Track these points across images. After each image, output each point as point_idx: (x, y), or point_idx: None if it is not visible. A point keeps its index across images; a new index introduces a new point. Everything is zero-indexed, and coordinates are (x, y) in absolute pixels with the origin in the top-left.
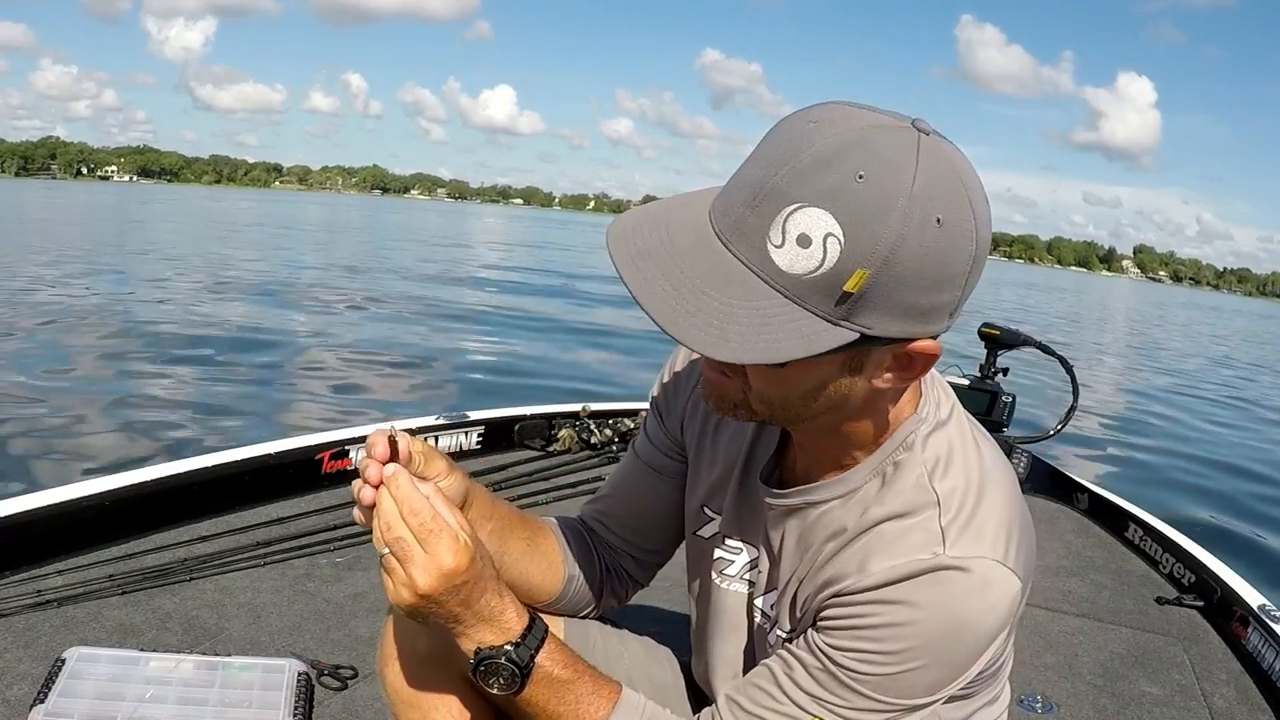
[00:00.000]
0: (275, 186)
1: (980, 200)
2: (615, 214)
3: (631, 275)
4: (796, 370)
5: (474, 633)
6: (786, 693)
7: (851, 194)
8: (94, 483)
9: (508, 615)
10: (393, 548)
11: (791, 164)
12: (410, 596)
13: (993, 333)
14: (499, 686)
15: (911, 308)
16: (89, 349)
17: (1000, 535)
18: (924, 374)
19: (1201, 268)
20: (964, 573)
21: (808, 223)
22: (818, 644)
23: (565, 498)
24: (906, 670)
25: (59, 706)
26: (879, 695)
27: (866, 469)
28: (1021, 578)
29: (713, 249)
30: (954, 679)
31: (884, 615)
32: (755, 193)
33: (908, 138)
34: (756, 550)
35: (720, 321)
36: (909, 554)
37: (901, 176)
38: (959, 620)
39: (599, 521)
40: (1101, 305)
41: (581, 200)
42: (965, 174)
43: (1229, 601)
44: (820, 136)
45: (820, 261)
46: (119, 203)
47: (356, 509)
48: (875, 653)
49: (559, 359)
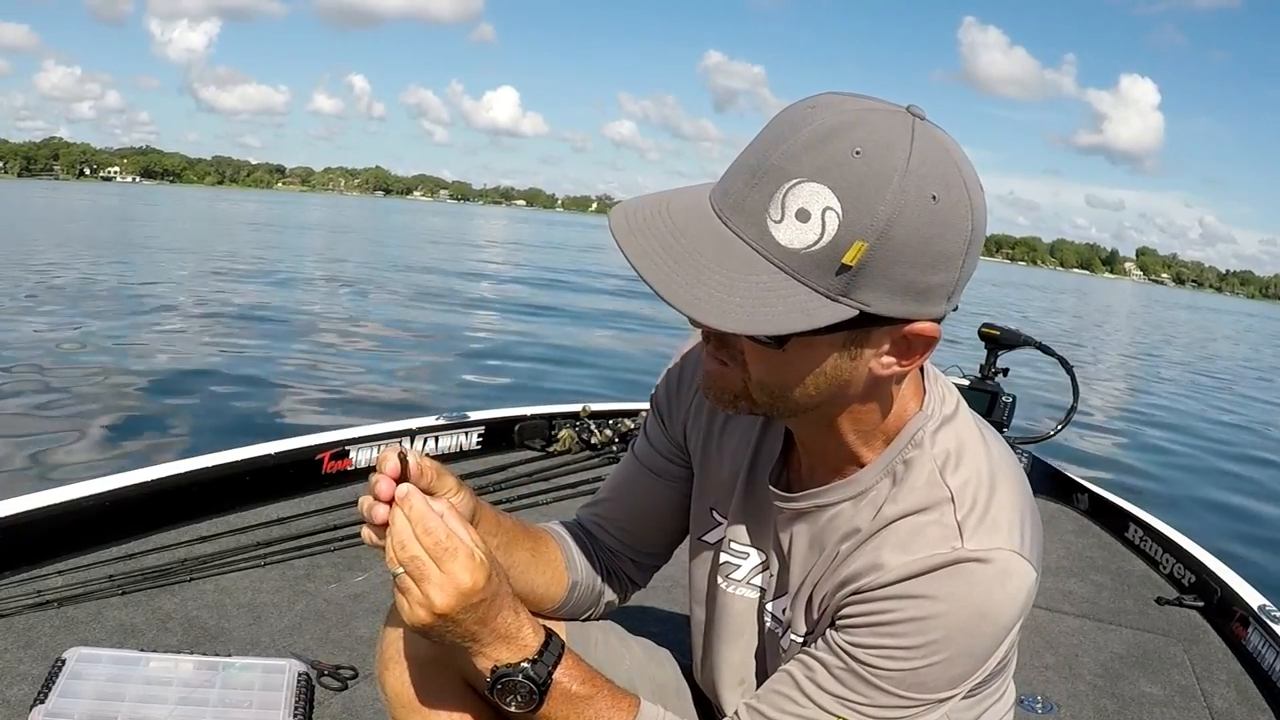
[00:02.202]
0: (278, 188)
1: (975, 186)
2: None
3: (632, 248)
4: (796, 353)
5: (490, 651)
6: (809, 695)
7: (849, 168)
8: (94, 483)
9: (524, 632)
10: (407, 567)
11: (790, 142)
12: (427, 616)
13: (993, 333)
14: (517, 704)
15: (909, 285)
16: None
17: (1015, 527)
18: (924, 358)
19: (1204, 270)
20: (984, 564)
21: (806, 197)
22: (839, 643)
23: (565, 498)
24: (930, 664)
25: (59, 707)
26: (903, 691)
27: (877, 469)
28: (1036, 567)
29: (713, 226)
30: (975, 671)
31: (906, 610)
32: (754, 171)
33: (903, 120)
34: (765, 554)
35: (721, 293)
36: (928, 549)
37: (897, 153)
38: (980, 611)
39: (597, 524)
40: (1103, 306)
41: (584, 202)
42: (959, 158)
43: (1229, 602)
44: (818, 117)
45: (819, 235)
46: (120, 204)
47: (366, 529)
48: (898, 648)
49: (559, 359)
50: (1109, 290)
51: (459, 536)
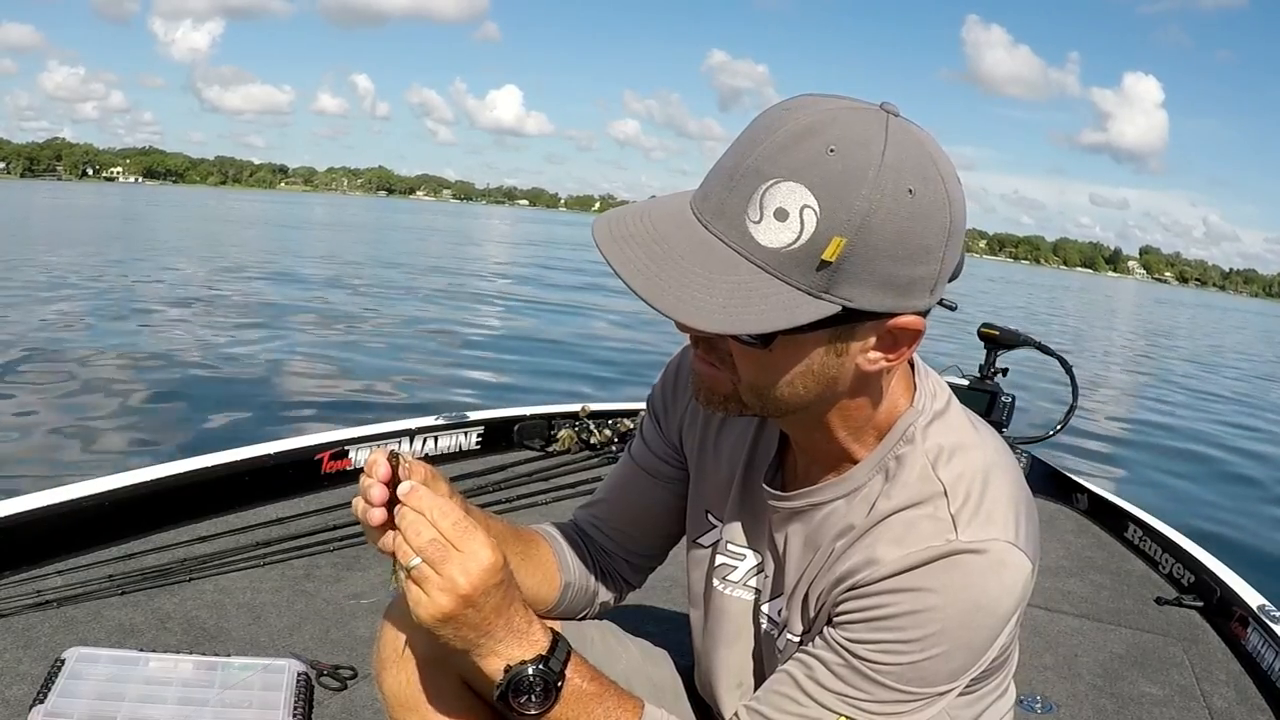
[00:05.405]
0: (281, 188)
1: (953, 179)
2: None
3: (616, 255)
4: (783, 352)
5: (504, 649)
6: (810, 694)
7: (824, 166)
8: (94, 483)
9: (534, 629)
10: (426, 552)
11: (765, 144)
12: (450, 601)
13: (992, 333)
14: (531, 704)
15: (890, 279)
16: (87, 348)
17: (1009, 518)
18: (910, 352)
19: (1208, 269)
20: (979, 555)
21: (784, 197)
22: (837, 640)
23: (565, 498)
24: (929, 657)
25: (59, 707)
26: (903, 685)
27: (869, 466)
28: (1032, 559)
29: (694, 231)
30: (974, 663)
31: (902, 603)
32: (732, 174)
33: (876, 116)
34: (761, 555)
35: (704, 295)
36: (922, 542)
37: (871, 149)
38: (977, 603)
39: (593, 525)
40: (1105, 305)
41: (588, 201)
42: (935, 152)
43: (1228, 602)
44: (792, 118)
45: (798, 233)
46: (124, 204)
47: (371, 534)
48: (896, 642)
49: (559, 359)
50: (1112, 289)
51: (471, 519)
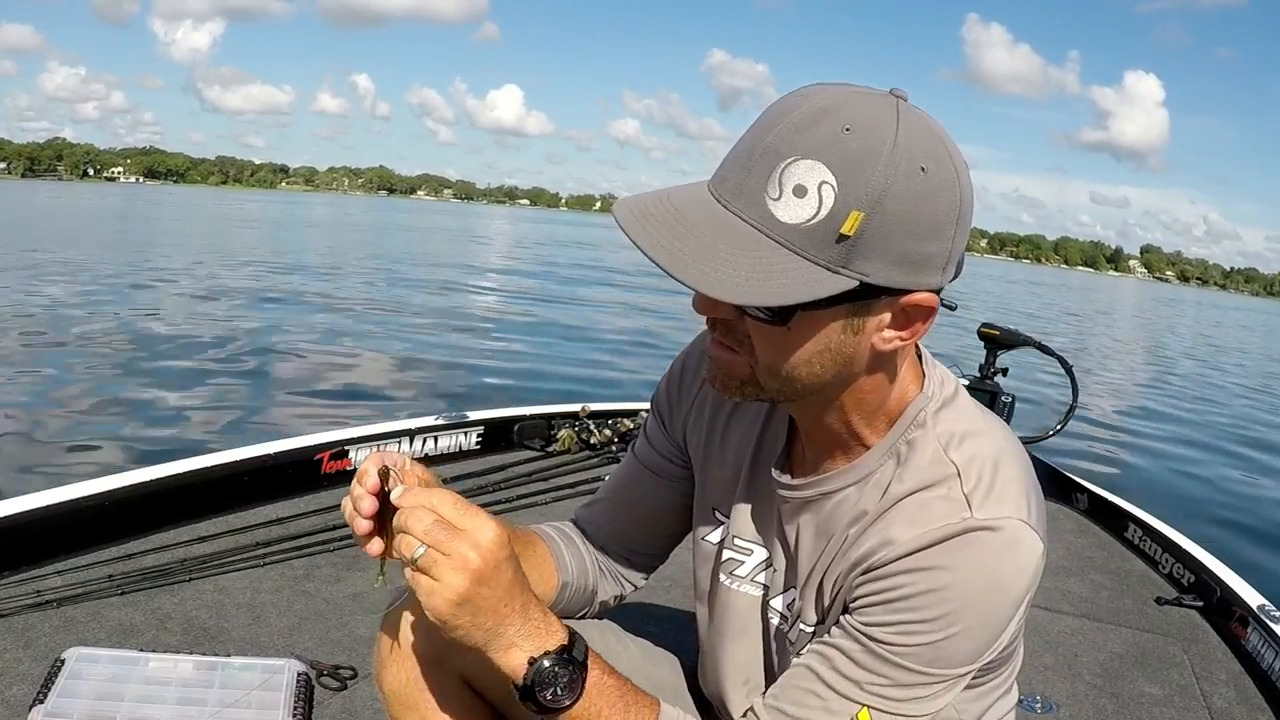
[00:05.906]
0: (281, 187)
1: (960, 160)
2: None
3: (640, 234)
4: (801, 329)
5: (524, 641)
6: (831, 685)
7: (840, 144)
8: (93, 483)
9: (552, 621)
10: (431, 534)
11: (782, 125)
12: (464, 580)
13: (992, 333)
14: (561, 697)
15: (905, 255)
16: (86, 348)
17: (1021, 499)
18: (925, 328)
19: (1208, 267)
20: (994, 532)
21: (802, 174)
22: (855, 626)
23: (565, 498)
24: (947, 637)
25: (58, 707)
26: (923, 667)
27: (879, 452)
28: (1043, 540)
29: (714, 210)
30: (991, 644)
31: (919, 583)
32: (750, 155)
33: (888, 101)
34: (769, 549)
35: (728, 268)
36: (938, 520)
37: (884, 129)
38: (992, 580)
39: (594, 524)
40: (1106, 305)
41: (588, 200)
42: (943, 135)
43: (1228, 601)
44: (806, 102)
45: (817, 209)
46: (125, 204)
47: (361, 539)
48: (915, 622)
49: (559, 359)
50: (1112, 288)
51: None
